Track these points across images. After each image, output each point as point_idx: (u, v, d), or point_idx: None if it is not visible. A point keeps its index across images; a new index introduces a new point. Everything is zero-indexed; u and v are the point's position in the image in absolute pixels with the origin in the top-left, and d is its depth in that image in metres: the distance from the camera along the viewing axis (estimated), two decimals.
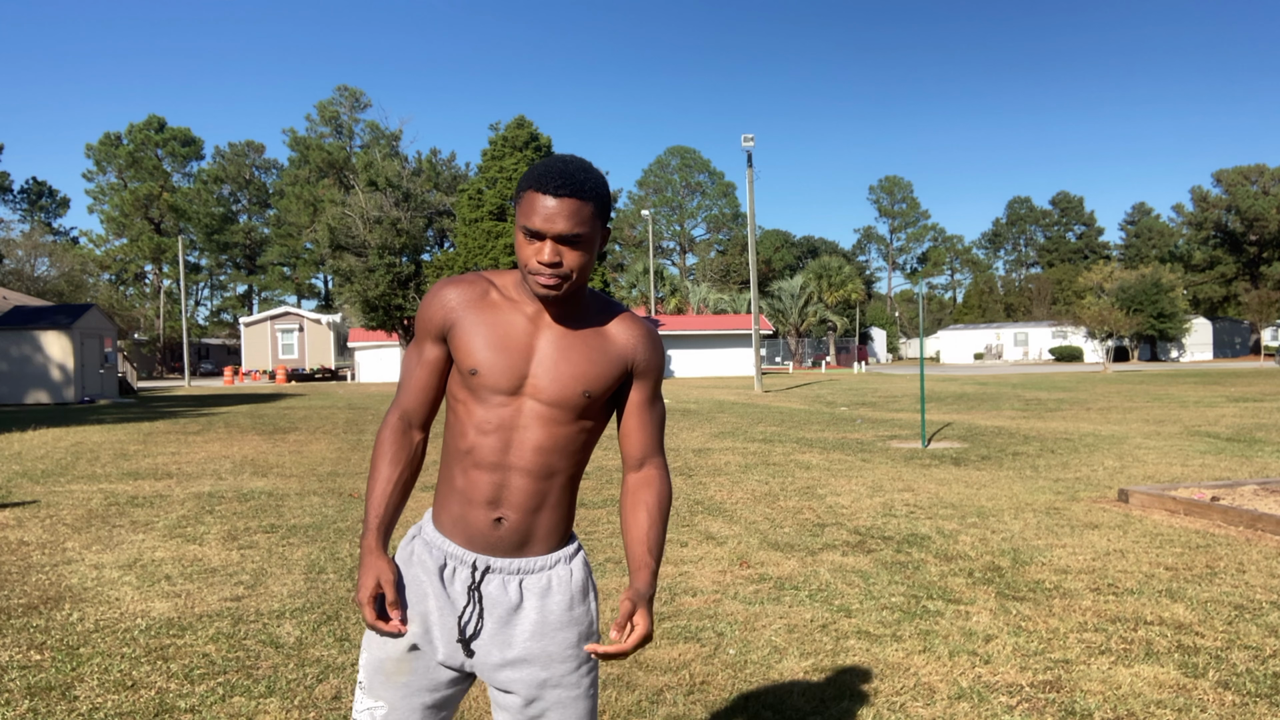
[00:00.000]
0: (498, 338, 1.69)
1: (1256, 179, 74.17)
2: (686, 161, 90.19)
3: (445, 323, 1.72)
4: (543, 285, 1.62)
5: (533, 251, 1.62)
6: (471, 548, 1.72)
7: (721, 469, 9.83)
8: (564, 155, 1.66)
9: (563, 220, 1.59)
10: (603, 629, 4.27)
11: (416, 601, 1.74)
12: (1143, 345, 58.77)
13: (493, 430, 1.69)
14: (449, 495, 1.75)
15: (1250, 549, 5.68)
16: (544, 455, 1.70)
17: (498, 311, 1.71)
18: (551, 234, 1.60)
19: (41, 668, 3.88)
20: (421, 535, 1.79)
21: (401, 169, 48.10)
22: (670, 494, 1.83)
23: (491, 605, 1.72)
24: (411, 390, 1.77)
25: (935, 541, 6.05)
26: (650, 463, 1.82)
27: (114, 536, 6.63)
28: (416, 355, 1.77)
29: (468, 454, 1.70)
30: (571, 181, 1.59)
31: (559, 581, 1.75)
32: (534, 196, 1.60)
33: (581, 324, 1.73)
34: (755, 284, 29.44)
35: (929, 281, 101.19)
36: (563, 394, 1.69)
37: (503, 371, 1.68)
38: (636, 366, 1.76)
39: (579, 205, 1.60)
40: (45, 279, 55.38)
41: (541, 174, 1.61)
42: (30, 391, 26.53)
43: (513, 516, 1.71)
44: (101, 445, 13.27)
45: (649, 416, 1.81)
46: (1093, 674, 3.63)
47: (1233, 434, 12.58)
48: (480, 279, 1.76)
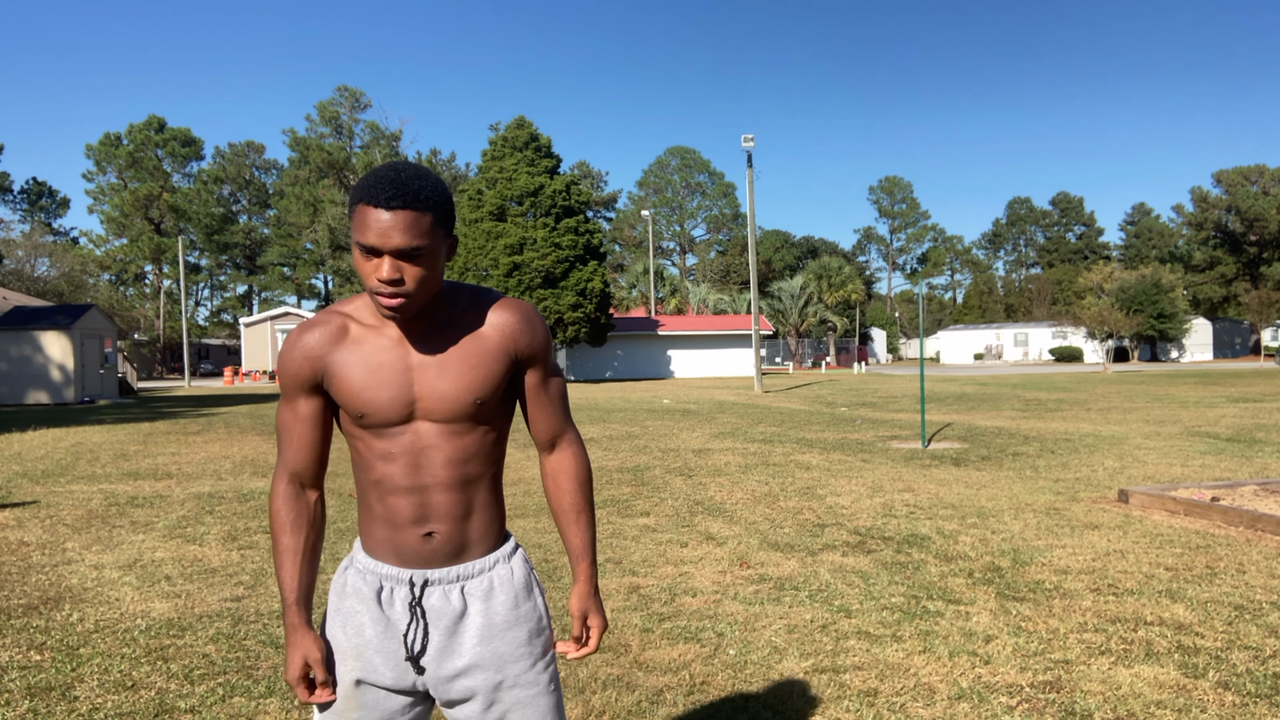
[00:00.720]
0: (372, 373, 1.61)
1: (1256, 179, 74.17)
2: (686, 161, 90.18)
3: (314, 373, 1.64)
4: (385, 306, 1.52)
5: (371, 269, 1.50)
6: (406, 565, 1.67)
7: (721, 469, 9.83)
8: (396, 162, 1.53)
9: (399, 234, 1.47)
10: (558, 617, 4.28)
11: (354, 633, 1.69)
12: (1143, 346, 58.77)
13: (398, 457, 1.63)
14: (372, 521, 1.69)
15: (1250, 549, 5.68)
16: (456, 467, 1.65)
17: (362, 345, 1.62)
18: (388, 249, 1.47)
19: (41, 668, 3.88)
20: (354, 564, 1.74)
21: None
22: (588, 469, 1.80)
23: (436, 617, 1.67)
24: (296, 450, 1.69)
25: (935, 542, 6.05)
26: (561, 441, 1.78)
27: (114, 537, 6.63)
28: (292, 413, 1.68)
29: (379, 483, 1.65)
30: (406, 191, 1.47)
31: (500, 582, 1.70)
32: (366, 210, 1.47)
33: (452, 329, 1.64)
34: (755, 284, 29.45)
35: (929, 282, 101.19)
36: (455, 409, 1.62)
37: (388, 406, 1.60)
38: (520, 354, 1.68)
39: (416, 216, 1.48)
40: (45, 279, 55.38)
41: (372, 185, 1.48)
42: (30, 392, 26.54)
43: (442, 528, 1.66)
44: (101, 445, 13.28)
45: (548, 397, 1.75)
46: (1093, 674, 3.63)
47: (1233, 434, 12.58)
48: (333, 314, 1.66)
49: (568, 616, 4.48)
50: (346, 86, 73.15)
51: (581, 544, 1.77)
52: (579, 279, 37.79)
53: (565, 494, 1.77)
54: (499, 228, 37.91)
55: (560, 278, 37.76)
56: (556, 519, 1.79)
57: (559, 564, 5.59)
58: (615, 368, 45.49)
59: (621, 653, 3.97)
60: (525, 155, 38.73)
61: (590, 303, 38.09)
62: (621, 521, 6.95)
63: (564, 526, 1.79)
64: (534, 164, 38.72)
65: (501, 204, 38.27)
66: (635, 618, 4.45)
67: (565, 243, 37.73)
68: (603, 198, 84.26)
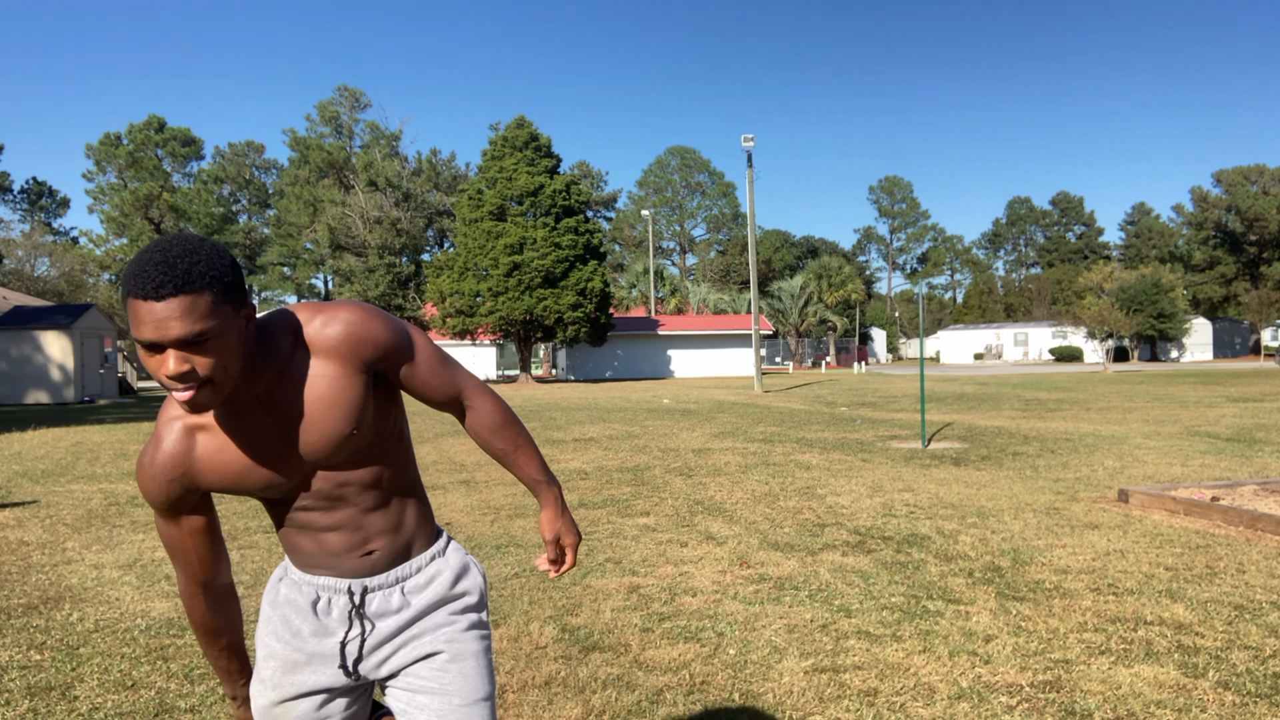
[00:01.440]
0: (237, 463, 1.52)
1: (1256, 179, 74.16)
2: (686, 161, 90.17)
3: (184, 489, 1.54)
4: (182, 403, 1.37)
5: (157, 365, 1.34)
6: (345, 577, 1.65)
7: (721, 469, 9.83)
8: (163, 240, 1.37)
9: (176, 323, 1.31)
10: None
11: (287, 641, 1.68)
12: (1143, 345, 58.76)
13: (310, 508, 1.60)
14: (299, 555, 1.66)
15: (1250, 549, 5.68)
16: (367, 491, 1.60)
17: (214, 432, 1.52)
18: (168, 341, 1.32)
19: (41, 668, 3.88)
20: (288, 576, 1.71)
21: (401, 169, 48.11)
22: (505, 407, 1.74)
23: (378, 619, 1.68)
24: (194, 565, 1.62)
25: (935, 541, 6.05)
26: (467, 396, 1.70)
27: (114, 536, 6.63)
28: (175, 529, 1.59)
29: (305, 527, 1.62)
30: (173, 275, 1.31)
31: (438, 570, 1.72)
32: (136, 305, 1.31)
33: (288, 376, 1.50)
34: (755, 284, 29.45)
35: (929, 281, 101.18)
36: (333, 451, 1.53)
37: (270, 481, 1.54)
38: (366, 360, 1.53)
39: (192, 300, 1.32)
40: (45, 279, 55.38)
41: (136, 275, 1.31)
42: (30, 391, 26.53)
43: (380, 543, 1.65)
44: (101, 445, 13.27)
45: (436, 376, 1.64)
46: (1093, 674, 3.63)
47: (1233, 434, 12.58)
48: (171, 421, 1.53)
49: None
50: (346, 86, 73.17)
51: (533, 472, 1.75)
52: (579, 279, 37.78)
53: (494, 438, 1.72)
54: (499, 227, 37.91)
55: (560, 277, 37.75)
56: (500, 461, 1.75)
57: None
58: (615, 367, 45.49)
59: (621, 652, 3.97)
60: (525, 155, 38.73)
61: (590, 302, 38.08)
62: (621, 521, 6.95)
63: (510, 466, 1.75)
64: (534, 164, 38.71)
65: (501, 204, 38.27)
66: (635, 617, 4.45)
67: (565, 242, 37.72)
68: (603, 198, 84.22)
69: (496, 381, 42.22)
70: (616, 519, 7.04)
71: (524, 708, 3.39)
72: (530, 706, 3.40)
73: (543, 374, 50.87)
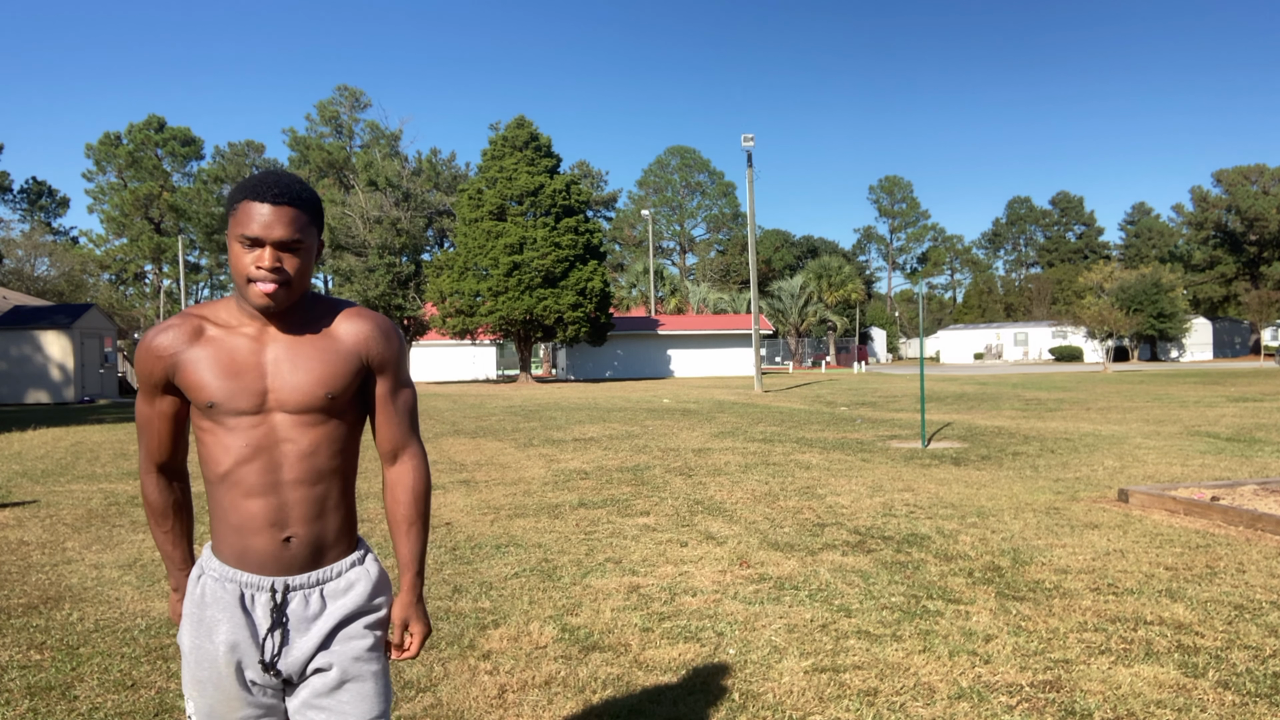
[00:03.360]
0: (224, 365, 1.67)
1: (1256, 179, 74.14)
2: (686, 161, 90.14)
3: (166, 369, 1.71)
4: (263, 293, 1.63)
5: (252, 259, 1.62)
6: (265, 573, 1.72)
7: (721, 469, 9.83)
8: (273, 169, 1.79)
9: (281, 226, 1.61)
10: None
11: (221, 641, 1.72)
12: (1143, 345, 58.76)
13: (252, 454, 1.68)
14: (226, 530, 1.72)
15: (1250, 549, 5.68)
16: (310, 460, 1.70)
17: (217, 342, 1.70)
18: (271, 240, 1.62)
19: (41, 667, 3.88)
20: (207, 573, 1.76)
21: (401, 169, 48.10)
22: (426, 483, 1.84)
23: (296, 621, 1.73)
24: (155, 444, 1.78)
25: (935, 541, 6.05)
26: (403, 454, 1.83)
27: (114, 536, 6.63)
28: (149, 408, 1.77)
29: (234, 484, 1.69)
30: (288, 190, 1.63)
31: (358, 578, 1.79)
32: (250, 205, 1.62)
33: (308, 329, 1.73)
34: (755, 284, 29.44)
35: (929, 281, 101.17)
36: (306, 400, 1.68)
37: (239, 394, 1.66)
38: (372, 360, 1.76)
39: (296, 213, 1.63)
40: (45, 279, 55.36)
41: (257, 184, 1.63)
42: (30, 391, 26.53)
43: (300, 531, 1.71)
44: (101, 445, 13.27)
45: (394, 407, 1.81)
46: (1093, 674, 3.63)
47: (1233, 434, 12.58)
48: (190, 317, 1.73)
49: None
50: (346, 86, 73.15)
51: (409, 555, 1.81)
52: (579, 278, 37.76)
53: (400, 505, 1.81)
54: (499, 227, 37.90)
55: (560, 277, 37.73)
56: (391, 529, 1.84)
57: (558, 563, 5.59)
58: (615, 367, 45.48)
59: (621, 652, 3.97)
60: (525, 155, 38.71)
61: (590, 302, 38.07)
62: (621, 521, 6.95)
63: (395, 537, 1.83)
64: (534, 163, 38.70)
65: (501, 203, 38.25)
66: (635, 617, 4.45)
67: (565, 242, 37.71)
68: (603, 197, 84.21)
69: (497, 381, 42.24)
70: (616, 519, 7.04)
71: (524, 708, 3.39)
72: (530, 706, 3.40)
73: (543, 374, 50.86)
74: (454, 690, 3.57)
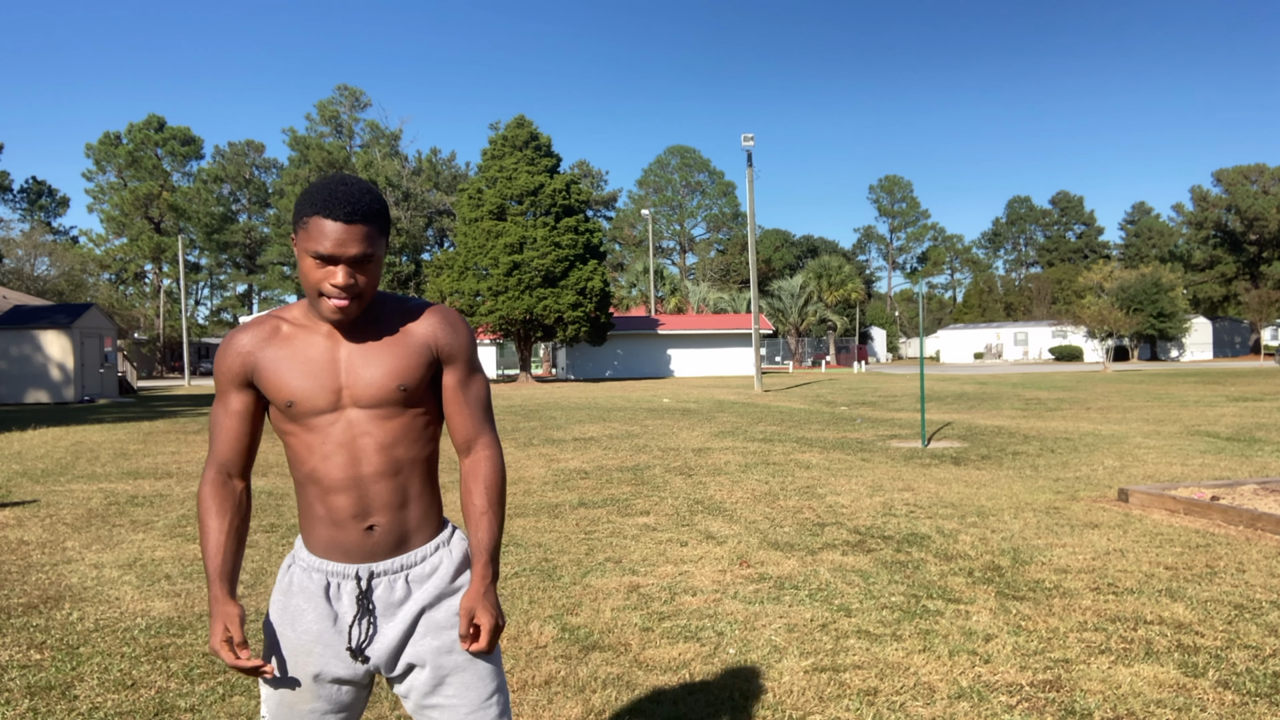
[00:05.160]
0: (301, 365, 1.72)
1: (1256, 179, 74.15)
2: (686, 161, 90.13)
3: (245, 369, 1.76)
4: (336, 308, 1.66)
5: (324, 275, 1.64)
6: (350, 561, 1.76)
7: (721, 468, 9.83)
8: (341, 176, 1.68)
9: (354, 244, 1.62)
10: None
11: (303, 630, 1.76)
12: (1143, 345, 58.76)
13: (333, 450, 1.72)
14: (313, 521, 1.77)
15: (1250, 548, 5.68)
16: (388, 451, 1.73)
17: (293, 342, 1.75)
18: (345, 258, 1.63)
19: (41, 667, 3.88)
20: (297, 563, 1.81)
21: (401, 169, 48.07)
22: (501, 475, 1.85)
23: (383, 607, 1.76)
24: (224, 442, 1.80)
25: (935, 541, 6.05)
26: (477, 444, 1.84)
27: (114, 536, 6.63)
28: (223, 408, 1.80)
29: (317, 480, 1.74)
30: (360, 205, 1.63)
31: (441, 561, 1.81)
32: (322, 222, 1.62)
33: (380, 326, 1.76)
34: (755, 283, 29.44)
35: (929, 281, 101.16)
36: (379, 394, 1.72)
37: (316, 393, 1.71)
38: (441, 351, 1.78)
39: (368, 229, 1.64)
40: (45, 278, 55.36)
41: (327, 200, 1.62)
42: (30, 391, 26.53)
43: (382, 520, 1.75)
44: (101, 445, 13.27)
45: (465, 397, 1.82)
46: (1093, 673, 3.63)
47: (1233, 433, 12.58)
48: (268, 318, 1.79)
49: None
50: (346, 86, 73.11)
51: (480, 544, 1.80)
52: (579, 278, 37.77)
53: (473, 495, 1.82)
54: (499, 227, 37.89)
55: (560, 277, 37.74)
56: (464, 518, 1.84)
57: (558, 563, 5.59)
58: (615, 367, 45.48)
59: (621, 652, 3.97)
60: (525, 154, 38.71)
61: (590, 302, 38.07)
62: (621, 520, 6.95)
63: (469, 525, 1.83)
64: (534, 163, 38.69)
65: (501, 203, 38.24)
66: (635, 617, 4.45)
67: (565, 242, 37.71)
68: (603, 197, 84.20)
69: (497, 381, 42.22)
70: (616, 518, 7.04)
71: (524, 708, 3.39)
72: (530, 706, 3.40)
73: (543, 373, 50.86)
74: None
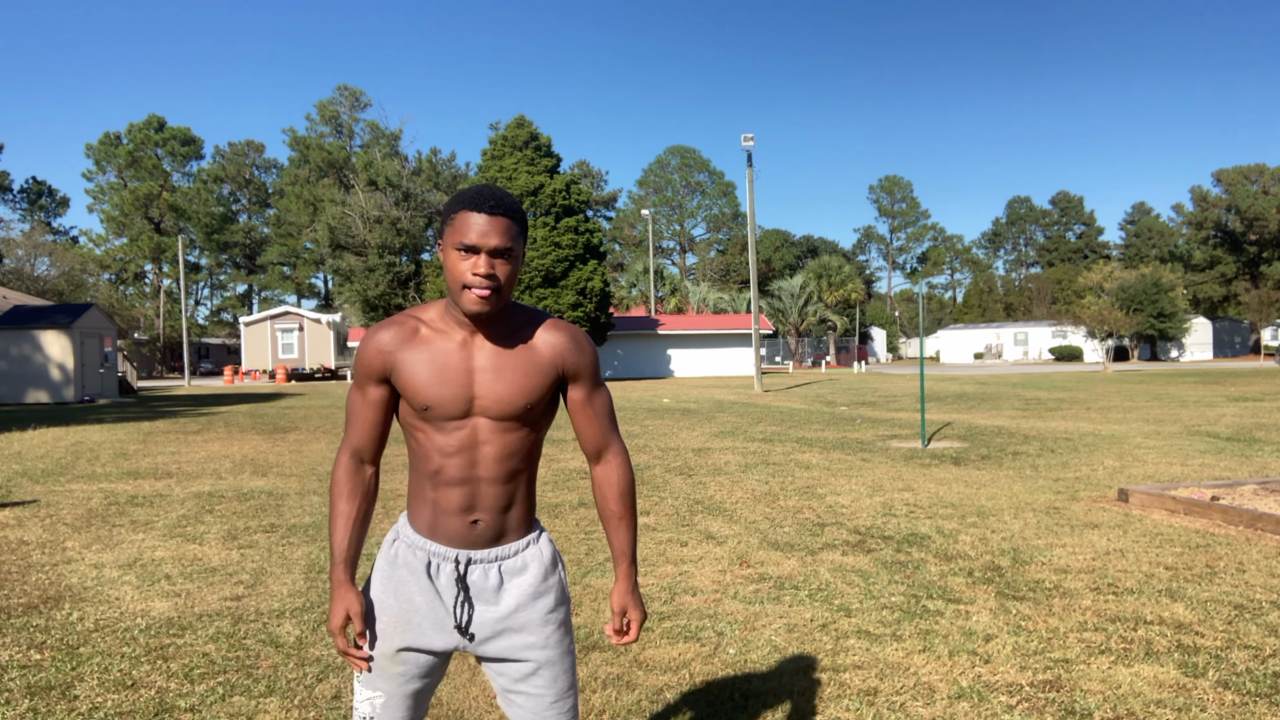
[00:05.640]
0: (438, 371, 1.83)
1: (1256, 179, 74.14)
2: (686, 161, 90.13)
3: (385, 365, 1.86)
4: (478, 298, 1.77)
5: (468, 266, 1.77)
6: (451, 545, 1.90)
7: (721, 468, 9.83)
8: (488, 184, 1.87)
9: (496, 235, 1.76)
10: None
11: (405, 600, 1.90)
12: (1143, 345, 58.76)
13: (455, 452, 1.85)
14: (422, 505, 1.91)
15: (1250, 548, 5.68)
16: (505, 463, 1.87)
17: (431, 345, 1.85)
18: (487, 248, 1.76)
19: (41, 667, 3.88)
20: (401, 539, 1.94)
21: (401, 169, 48.09)
22: (631, 479, 2.00)
23: (477, 592, 1.90)
24: (360, 429, 1.91)
25: (935, 541, 6.05)
26: (608, 452, 1.99)
27: (114, 536, 6.63)
28: (361, 397, 1.91)
29: (436, 474, 1.87)
30: (502, 202, 1.78)
31: (531, 559, 1.94)
32: (468, 215, 1.76)
33: (510, 340, 1.87)
34: (755, 283, 29.43)
35: (929, 281, 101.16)
36: (508, 409, 1.85)
37: (451, 401, 1.83)
38: (568, 370, 1.91)
39: (509, 223, 1.78)
40: (45, 278, 55.35)
41: (474, 196, 1.78)
42: (30, 391, 26.52)
43: (486, 518, 1.89)
44: (101, 445, 13.28)
45: (593, 410, 1.96)
46: (1093, 673, 3.63)
47: (1233, 433, 12.58)
48: (409, 318, 1.89)
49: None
50: (346, 86, 73.18)
51: (620, 546, 1.98)
52: (579, 278, 37.76)
53: (609, 501, 1.98)
54: None
55: (560, 277, 37.73)
56: (602, 522, 2.01)
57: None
58: (615, 367, 45.49)
59: (621, 651, 3.97)
60: (525, 154, 38.71)
61: (590, 302, 38.07)
62: None
63: (607, 531, 2.01)
64: (534, 163, 38.70)
65: None
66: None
67: (565, 242, 37.71)
68: (603, 197, 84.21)
69: None
70: None
71: None
72: None
73: None
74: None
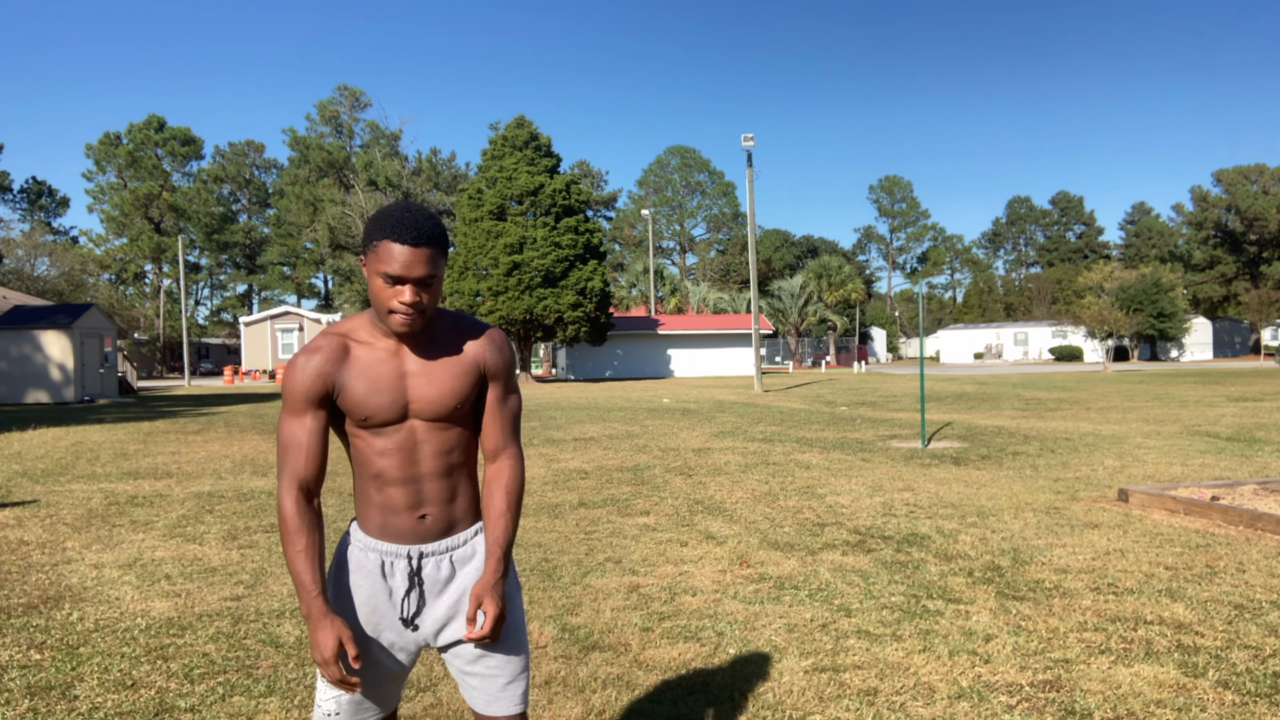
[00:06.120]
0: (373, 381, 1.91)
1: (1256, 179, 74.13)
2: (686, 161, 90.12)
3: (325, 388, 1.90)
4: (404, 323, 1.85)
5: (393, 294, 1.84)
6: (403, 542, 1.97)
7: (721, 468, 9.83)
8: (406, 203, 1.88)
9: (420, 266, 1.82)
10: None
11: (362, 603, 1.97)
12: (1143, 345, 58.75)
13: (394, 452, 1.93)
14: (370, 508, 1.98)
15: (1250, 548, 5.68)
16: (444, 458, 1.97)
17: (363, 359, 1.92)
18: (412, 279, 1.83)
19: (41, 667, 3.88)
20: (354, 543, 2.01)
21: (401, 169, 48.10)
22: (521, 483, 2.07)
23: (430, 584, 1.98)
24: (301, 460, 1.90)
25: (935, 541, 6.05)
26: (504, 454, 2.05)
27: (114, 536, 6.63)
28: (299, 425, 1.90)
29: (379, 476, 1.94)
30: (424, 231, 1.82)
31: (479, 545, 2.04)
32: (390, 246, 1.81)
33: (436, 345, 1.97)
34: (755, 283, 29.43)
35: (929, 281, 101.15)
36: (440, 411, 1.94)
37: (389, 408, 1.91)
38: (488, 370, 2.01)
39: (431, 251, 1.84)
40: (45, 278, 55.34)
41: (395, 225, 1.82)
42: (30, 391, 26.52)
43: (434, 511, 1.97)
44: (101, 445, 13.27)
45: (501, 412, 2.05)
46: (1093, 673, 3.63)
47: (1232, 433, 12.58)
48: (334, 336, 1.94)
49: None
50: (346, 86, 73.17)
51: (496, 538, 1.99)
52: (579, 278, 37.75)
53: (494, 498, 2.03)
54: (499, 227, 37.88)
55: (560, 277, 37.72)
56: (484, 517, 2.04)
57: (558, 563, 5.59)
58: (615, 367, 45.48)
59: (621, 652, 3.97)
60: (525, 154, 38.69)
61: (590, 302, 38.06)
62: (621, 520, 6.95)
63: (486, 524, 2.02)
64: (534, 163, 38.68)
65: (501, 203, 38.23)
66: (635, 617, 4.45)
67: (565, 242, 37.69)
68: (603, 197, 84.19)
69: None
70: (616, 518, 7.04)
71: None
72: (530, 706, 3.39)
73: (543, 373, 50.85)
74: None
